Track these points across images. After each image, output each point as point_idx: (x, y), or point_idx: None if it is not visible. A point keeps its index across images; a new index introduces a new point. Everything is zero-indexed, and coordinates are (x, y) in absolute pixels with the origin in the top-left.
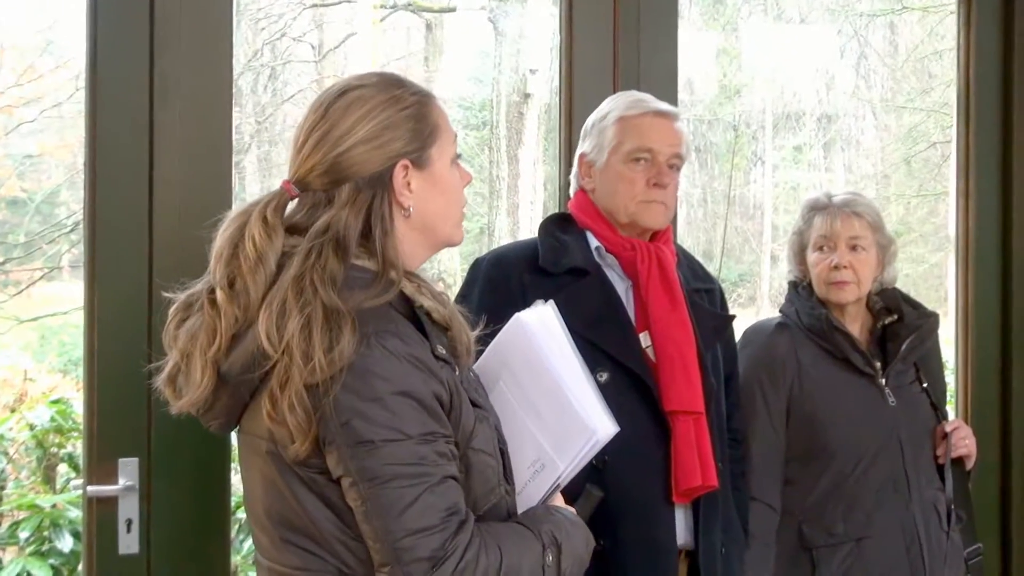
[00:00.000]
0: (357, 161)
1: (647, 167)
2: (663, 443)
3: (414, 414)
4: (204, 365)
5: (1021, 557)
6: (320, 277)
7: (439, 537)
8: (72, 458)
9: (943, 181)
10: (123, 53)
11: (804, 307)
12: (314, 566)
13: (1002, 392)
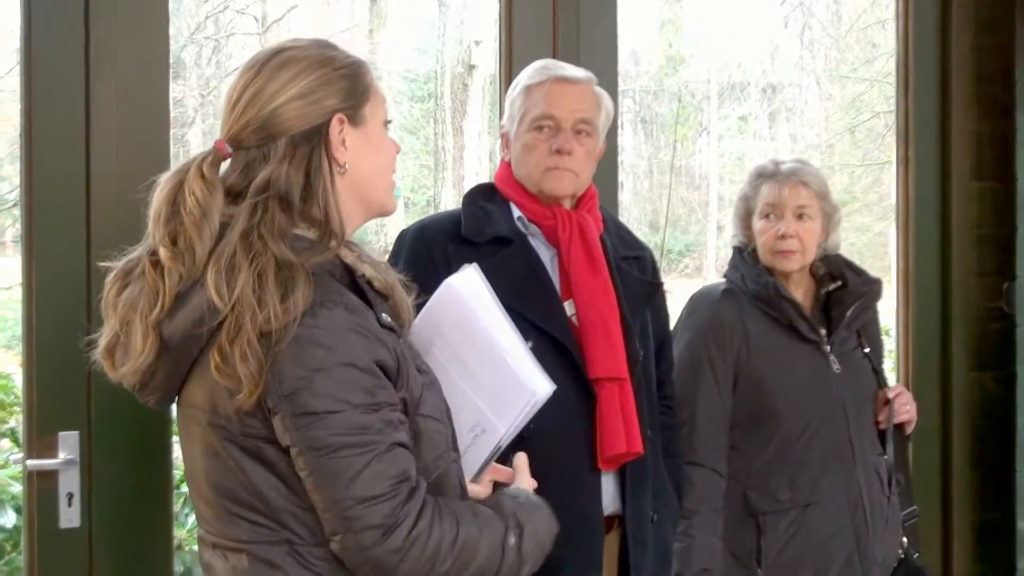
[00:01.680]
0: (292, 116)
1: (550, 134)
2: (588, 410)
3: (359, 384)
4: (146, 330)
5: (960, 519)
6: (269, 231)
7: (389, 505)
8: (14, 433)
9: (887, 150)
10: (58, 24)
11: (750, 274)
12: (262, 538)
13: (942, 358)
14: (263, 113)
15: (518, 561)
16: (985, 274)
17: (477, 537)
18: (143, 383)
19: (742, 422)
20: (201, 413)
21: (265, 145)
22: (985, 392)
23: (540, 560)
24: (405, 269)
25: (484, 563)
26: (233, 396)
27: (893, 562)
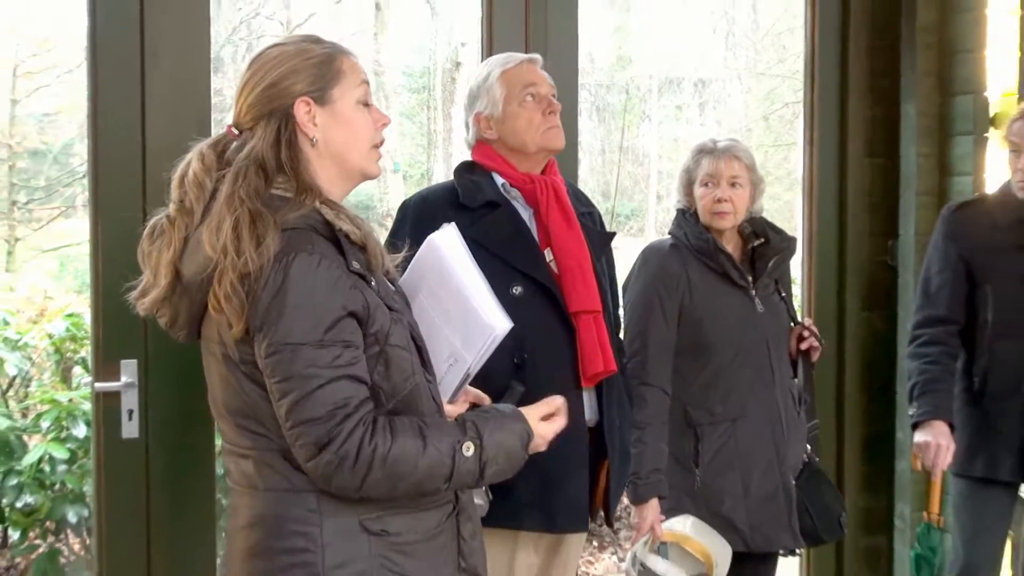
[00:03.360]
0: (268, 99)
1: (537, 102)
2: (570, 339)
3: (317, 323)
4: (165, 269)
5: (852, 431)
6: (246, 191)
7: (324, 427)
8: (84, 361)
9: (794, 134)
10: (117, 27)
11: (692, 231)
12: (262, 446)
13: (838, 301)
14: (250, 99)
15: (478, 465)
16: (874, 234)
17: (417, 451)
18: (172, 321)
19: (684, 351)
20: (215, 345)
21: (254, 126)
22: (873, 329)
23: (511, 462)
24: (412, 233)
25: (428, 471)
26: (228, 327)
27: (800, 465)
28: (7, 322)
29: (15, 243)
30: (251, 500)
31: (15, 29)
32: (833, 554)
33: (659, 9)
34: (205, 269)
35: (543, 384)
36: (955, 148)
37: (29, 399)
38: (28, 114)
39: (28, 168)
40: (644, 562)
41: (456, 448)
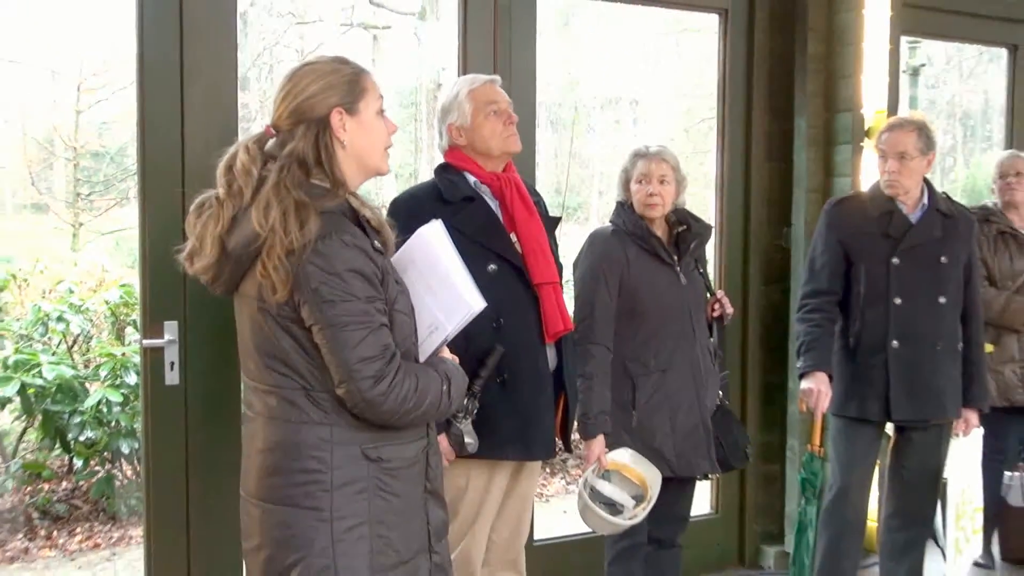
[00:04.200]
0: (307, 108)
1: (499, 115)
2: (535, 305)
3: (360, 283)
4: (213, 241)
5: (753, 380)
6: (292, 182)
7: (380, 363)
8: (134, 322)
9: (709, 143)
10: (162, 51)
11: (629, 220)
12: (287, 384)
13: (743, 276)
14: (291, 107)
15: (448, 401)
16: (772, 223)
17: (428, 386)
18: (214, 279)
19: (623, 316)
20: (252, 299)
21: (293, 128)
22: (770, 299)
23: (460, 400)
24: (406, 221)
25: (432, 401)
26: (273, 292)
27: (714, 407)
28: (72, 291)
29: (79, 227)
30: (271, 428)
31: (79, 54)
32: (738, 478)
33: (601, 41)
34: (251, 243)
35: (516, 342)
36: (837, 155)
37: (90, 353)
38: (89, 122)
39: (89, 167)
40: (593, 486)
41: (441, 386)
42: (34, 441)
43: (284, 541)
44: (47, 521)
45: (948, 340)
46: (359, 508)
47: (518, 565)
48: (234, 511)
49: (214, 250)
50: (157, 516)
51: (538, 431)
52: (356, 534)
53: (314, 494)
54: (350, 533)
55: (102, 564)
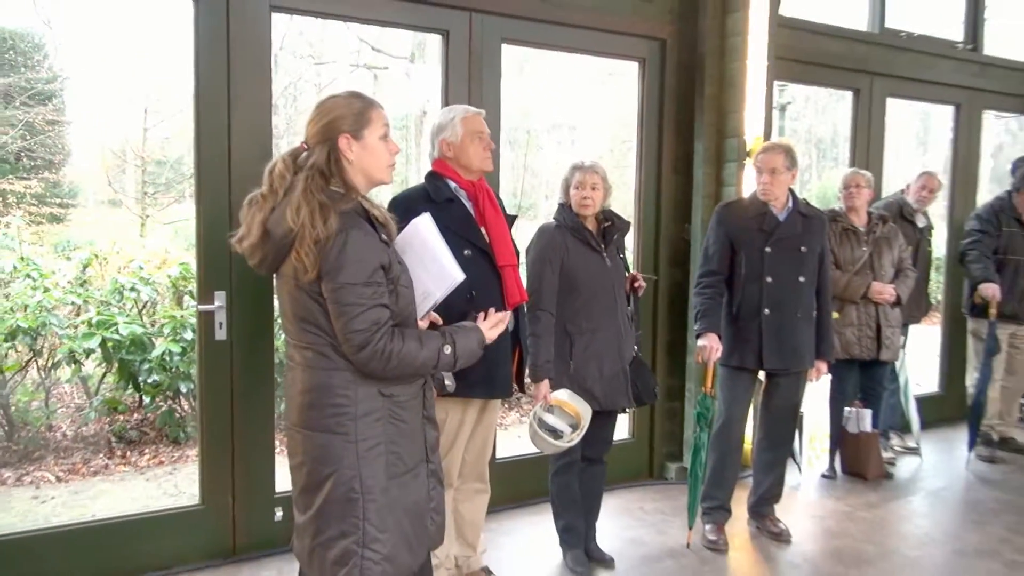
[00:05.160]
0: (325, 131)
1: (482, 141)
2: (500, 282)
3: (367, 271)
4: (257, 226)
5: (661, 337)
6: (315, 188)
7: (365, 335)
8: (191, 292)
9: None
10: (213, 82)
11: (568, 217)
12: (318, 341)
13: (655, 260)
14: (316, 129)
15: (452, 359)
16: (677, 220)
17: (417, 350)
18: (260, 262)
19: (563, 290)
20: (289, 278)
21: (318, 145)
22: (674, 277)
23: (472, 356)
24: (402, 214)
25: (423, 362)
26: (305, 272)
27: (631, 357)
28: (141, 267)
29: (146, 219)
30: (307, 375)
31: (145, 84)
32: (649, 411)
33: (549, 82)
34: (287, 234)
35: (485, 309)
36: (725, 170)
37: (156, 315)
38: (154, 137)
39: (154, 171)
40: (541, 418)
41: (440, 349)
42: (112, 383)
43: (321, 458)
44: (122, 444)
45: (805, 309)
46: (377, 432)
47: (484, 477)
48: (265, 437)
49: (257, 232)
50: (208, 440)
51: (499, 376)
52: (375, 452)
53: (343, 423)
54: (371, 451)
55: (165, 477)
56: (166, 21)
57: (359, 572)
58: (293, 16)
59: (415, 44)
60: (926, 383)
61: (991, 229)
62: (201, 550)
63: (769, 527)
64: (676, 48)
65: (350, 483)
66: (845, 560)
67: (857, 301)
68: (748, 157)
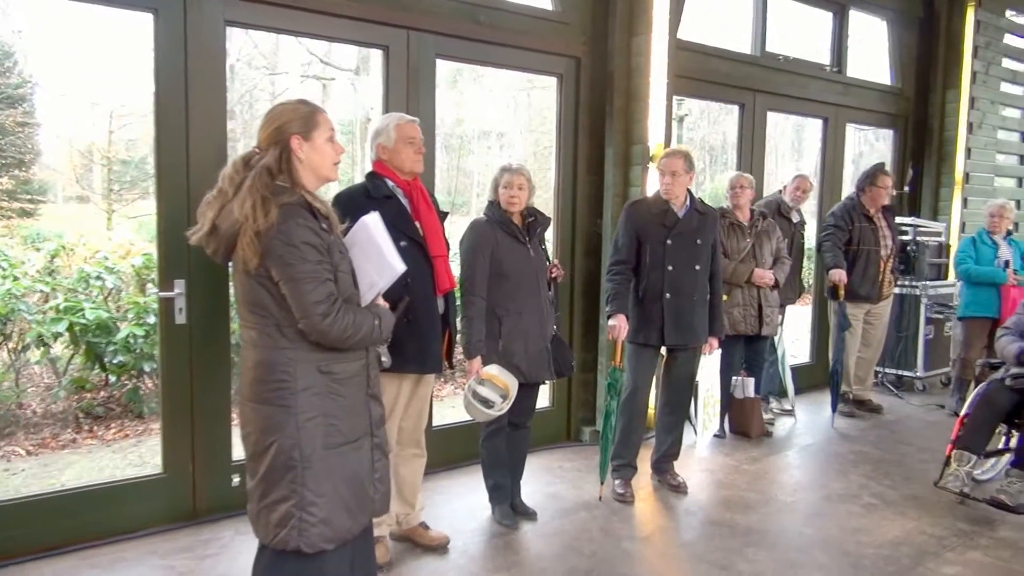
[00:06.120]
0: (277, 134)
1: (413, 145)
2: (431, 271)
3: (311, 252)
4: (208, 222)
5: (577, 317)
6: (262, 183)
7: (326, 305)
8: (153, 280)
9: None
10: (171, 90)
11: (497, 213)
12: (264, 323)
13: (571, 251)
14: (267, 133)
15: (380, 333)
16: (590, 216)
17: (363, 322)
18: (214, 252)
19: (493, 277)
20: (240, 265)
21: (268, 148)
22: (588, 266)
23: (388, 331)
24: (344, 209)
25: (366, 332)
26: (250, 260)
27: (551, 335)
28: (107, 258)
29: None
30: (256, 352)
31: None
32: (567, 383)
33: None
34: (235, 226)
35: (418, 294)
36: (632, 172)
37: (120, 301)
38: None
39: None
40: (475, 390)
41: (374, 324)
42: (79, 364)
43: (265, 428)
44: (90, 420)
45: (700, 293)
46: (315, 405)
47: (420, 443)
48: (222, 411)
49: (207, 227)
50: (170, 414)
51: (430, 354)
52: (313, 423)
53: (284, 396)
54: (309, 423)
55: (130, 449)
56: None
57: (297, 533)
58: (248, 31)
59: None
60: (799, 354)
61: (843, 224)
62: (165, 514)
63: (669, 480)
64: (589, 65)
65: (290, 451)
66: (732, 507)
67: (742, 285)
68: (652, 161)
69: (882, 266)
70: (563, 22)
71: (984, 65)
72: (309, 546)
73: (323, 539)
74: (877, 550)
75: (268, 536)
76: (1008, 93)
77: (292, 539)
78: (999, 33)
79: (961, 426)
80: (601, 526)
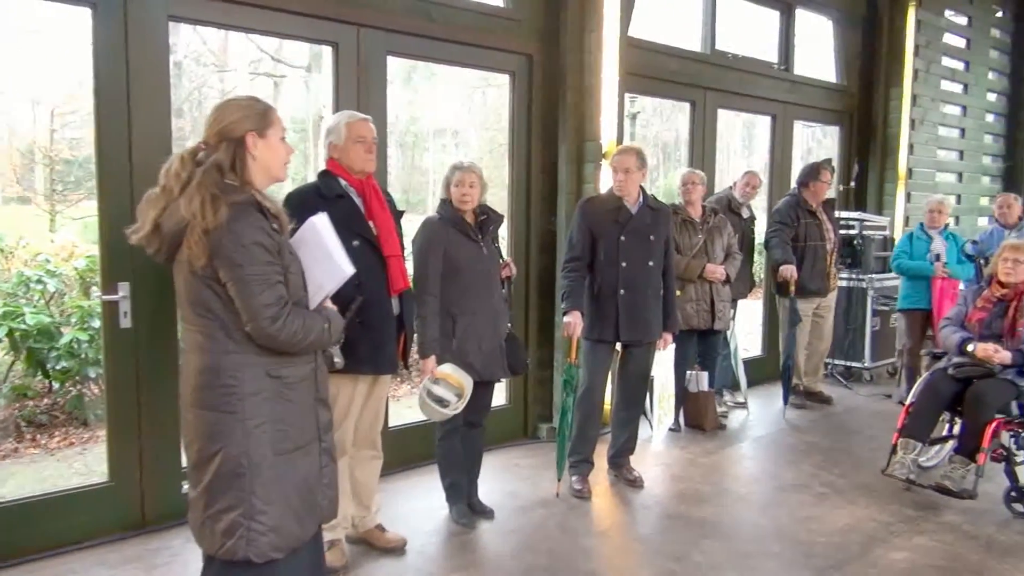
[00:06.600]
0: (229, 130)
1: (364, 144)
2: (385, 270)
3: (261, 252)
4: (150, 221)
5: (534, 316)
6: (210, 182)
7: (276, 308)
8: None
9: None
10: (113, 87)
11: (449, 211)
12: (209, 325)
13: (526, 249)
14: (217, 128)
15: (329, 336)
16: (544, 213)
17: (312, 325)
18: (156, 251)
19: (446, 276)
20: (185, 264)
21: (218, 144)
22: (543, 263)
23: (338, 334)
24: (295, 209)
25: (315, 335)
26: (197, 259)
27: (505, 333)
28: (48, 260)
29: (55, 214)
30: (200, 357)
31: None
32: (523, 380)
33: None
34: (180, 224)
35: (371, 294)
36: (585, 169)
37: (64, 305)
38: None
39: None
40: (429, 389)
41: (324, 327)
42: (20, 370)
43: (210, 435)
44: (32, 428)
45: (654, 289)
46: (264, 411)
47: (376, 445)
48: (170, 416)
49: (149, 227)
50: (116, 421)
51: (384, 355)
52: (262, 429)
53: (231, 402)
54: (257, 428)
55: (75, 457)
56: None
57: (245, 543)
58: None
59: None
60: (751, 348)
61: (789, 221)
62: (112, 523)
63: (625, 475)
64: (541, 63)
65: (238, 459)
66: (688, 500)
67: (695, 280)
68: (604, 158)
69: (828, 260)
70: (515, 19)
71: (925, 63)
72: (258, 556)
73: (272, 548)
74: (828, 538)
75: (214, 547)
76: (947, 91)
77: (240, 549)
78: (939, 32)
79: (906, 415)
80: (558, 523)
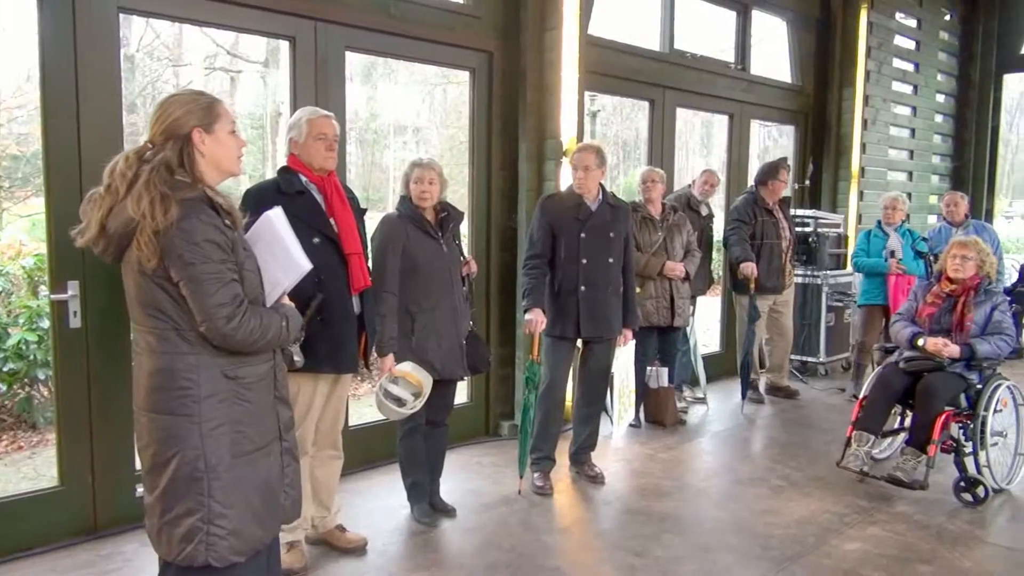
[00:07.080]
0: (174, 127)
1: (325, 142)
2: (346, 268)
3: (214, 250)
4: (95, 223)
5: (494, 314)
6: (159, 180)
7: (231, 308)
8: (45, 282)
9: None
10: (60, 81)
11: (409, 208)
12: (161, 326)
13: (487, 245)
14: (162, 126)
15: (288, 334)
16: (505, 211)
17: (270, 323)
18: (103, 251)
19: (405, 273)
20: (134, 265)
21: (165, 142)
22: (504, 260)
23: (296, 332)
24: (255, 206)
25: (273, 334)
26: (148, 260)
27: (467, 331)
28: None
29: (2, 212)
30: (152, 359)
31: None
32: (485, 377)
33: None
34: (129, 224)
35: (331, 292)
36: (546, 167)
37: (11, 305)
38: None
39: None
40: (387, 388)
41: (281, 325)
42: None
43: (166, 439)
44: None
45: (614, 286)
46: (221, 413)
47: (337, 445)
48: (122, 418)
49: (95, 229)
50: (66, 423)
51: (345, 353)
52: (220, 432)
53: (187, 405)
54: (215, 431)
55: (24, 461)
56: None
57: (205, 547)
58: (149, 20)
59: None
60: (710, 344)
61: (747, 218)
62: (63, 529)
63: (587, 471)
64: (501, 60)
65: (194, 462)
66: (648, 495)
67: (655, 277)
68: (564, 156)
69: (784, 257)
70: (475, 16)
71: (877, 64)
72: (218, 560)
73: (233, 552)
74: (785, 530)
75: (172, 553)
76: (898, 92)
77: (200, 554)
78: (890, 34)
79: (860, 408)
80: (520, 520)
